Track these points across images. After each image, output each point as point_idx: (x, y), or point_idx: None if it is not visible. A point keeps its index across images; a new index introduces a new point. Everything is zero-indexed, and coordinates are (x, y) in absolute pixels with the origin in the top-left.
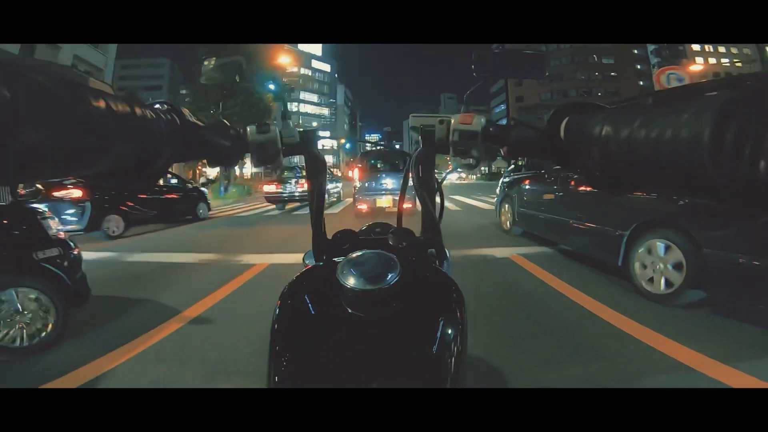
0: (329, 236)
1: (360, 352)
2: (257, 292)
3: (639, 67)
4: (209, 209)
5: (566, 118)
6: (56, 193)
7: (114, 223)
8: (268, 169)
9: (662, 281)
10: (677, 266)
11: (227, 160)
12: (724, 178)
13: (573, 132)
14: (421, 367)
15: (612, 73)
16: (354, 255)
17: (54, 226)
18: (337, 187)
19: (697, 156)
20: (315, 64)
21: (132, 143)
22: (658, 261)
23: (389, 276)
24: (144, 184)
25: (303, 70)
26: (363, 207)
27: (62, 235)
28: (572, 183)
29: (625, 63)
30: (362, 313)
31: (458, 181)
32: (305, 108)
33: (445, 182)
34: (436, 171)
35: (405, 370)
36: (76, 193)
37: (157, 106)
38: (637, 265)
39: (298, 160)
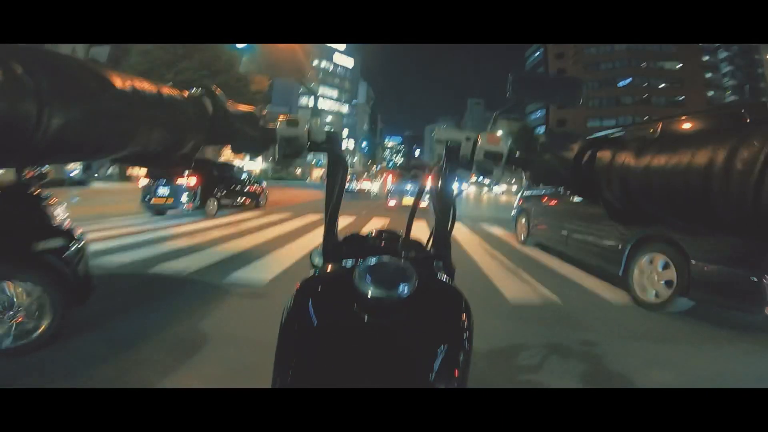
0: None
1: (375, 355)
2: None
3: (709, 75)
4: (266, 200)
5: (590, 151)
6: (179, 180)
7: (212, 205)
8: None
9: (655, 291)
10: (669, 277)
11: (253, 149)
12: (730, 208)
13: (597, 164)
14: (432, 369)
15: (664, 84)
16: (372, 261)
17: (61, 213)
18: (374, 187)
19: (706, 186)
20: (337, 58)
21: (158, 129)
22: (653, 272)
23: (407, 284)
24: (173, 168)
25: (324, 63)
26: (392, 203)
27: (69, 223)
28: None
29: (691, 70)
30: (377, 318)
31: (505, 196)
32: (323, 104)
33: (491, 197)
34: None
35: (416, 372)
36: (192, 181)
37: (192, 90)
38: (635, 276)
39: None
